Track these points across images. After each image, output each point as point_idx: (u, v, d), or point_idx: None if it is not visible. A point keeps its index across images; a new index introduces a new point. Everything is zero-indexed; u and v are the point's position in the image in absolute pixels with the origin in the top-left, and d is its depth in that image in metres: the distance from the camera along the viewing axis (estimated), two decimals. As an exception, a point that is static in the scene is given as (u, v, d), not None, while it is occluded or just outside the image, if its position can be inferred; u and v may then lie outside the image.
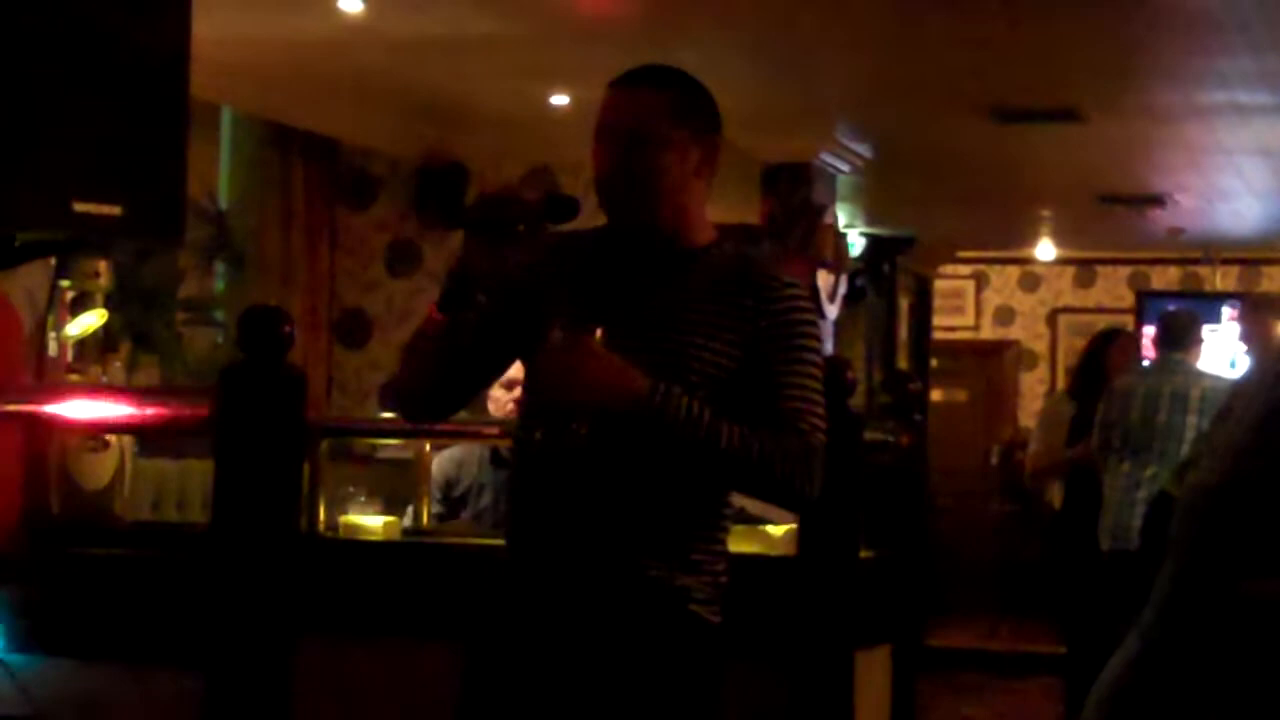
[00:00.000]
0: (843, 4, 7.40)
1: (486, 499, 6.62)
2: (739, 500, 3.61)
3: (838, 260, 10.78)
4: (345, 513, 7.24)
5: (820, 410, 3.31)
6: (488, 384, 3.54)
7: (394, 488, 8.06)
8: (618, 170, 3.35)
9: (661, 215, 3.37)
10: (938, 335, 16.26)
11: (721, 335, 3.29)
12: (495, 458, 6.57)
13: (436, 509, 6.82)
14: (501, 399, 6.25)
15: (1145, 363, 9.41)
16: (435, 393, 3.52)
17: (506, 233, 3.40)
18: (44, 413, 5.46)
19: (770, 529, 5.36)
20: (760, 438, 3.22)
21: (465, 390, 3.55)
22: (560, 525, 3.31)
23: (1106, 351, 9.07)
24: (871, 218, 13.81)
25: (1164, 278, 16.50)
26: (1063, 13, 7.42)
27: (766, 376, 3.28)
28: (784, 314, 3.31)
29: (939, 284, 16.42)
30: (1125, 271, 16.69)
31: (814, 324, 3.37)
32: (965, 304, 17.09)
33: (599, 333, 3.21)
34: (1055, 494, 9.15)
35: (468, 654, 3.44)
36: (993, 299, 17.13)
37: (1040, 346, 16.98)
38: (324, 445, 5.86)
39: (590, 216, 3.44)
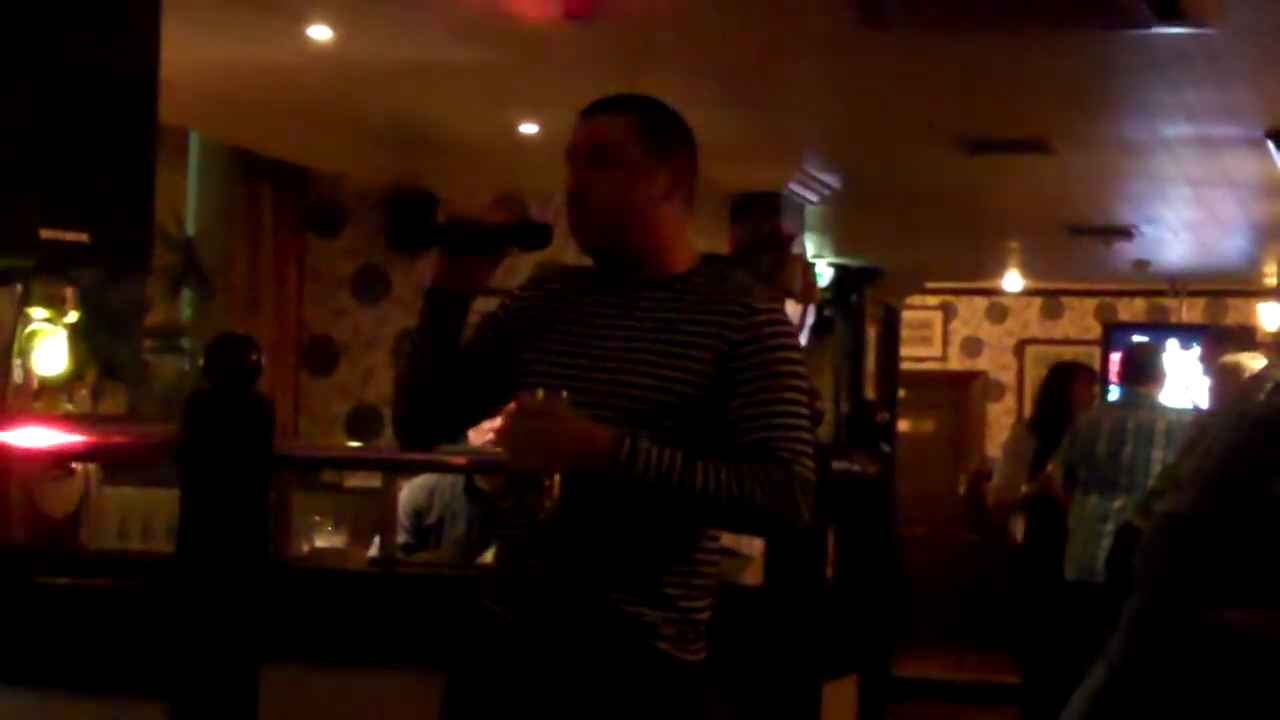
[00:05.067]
0: (811, 34, 7.41)
1: (460, 529, 6.59)
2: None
3: (806, 290, 10.79)
4: (312, 541, 7.23)
5: (804, 436, 3.27)
6: (483, 416, 3.53)
7: (361, 517, 8.05)
8: (579, 191, 3.35)
9: (627, 239, 3.37)
10: (905, 366, 16.28)
11: (694, 362, 3.26)
12: (469, 487, 6.54)
13: (405, 538, 6.80)
14: (483, 427, 6.22)
15: (1111, 397, 9.42)
16: (424, 416, 3.51)
17: (474, 254, 3.40)
18: (8, 441, 5.43)
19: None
20: (738, 473, 3.19)
21: (456, 416, 3.54)
22: (535, 561, 3.31)
23: (1068, 386, 9.11)
24: (840, 248, 13.82)
25: (1131, 309, 16.54)
26: (1030, 45, 7.44)
27: (747, 404, 3.24)
28: (762, 340, 3.28)
29: (907, 314, 16.45)
30: (1092, 303, 16.74)
31: (794, 349, 3.34)
32: (933, 335, 17.12)
33: (565, 395, 3.20)
34: (1017, 527, 9.18)
35: (447, 685, 3.44)
36: (960, 330, 17.16)
37: (1007, 377, 17.02)
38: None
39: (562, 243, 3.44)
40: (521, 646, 3.32)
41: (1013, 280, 15.93)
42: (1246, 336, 14.43)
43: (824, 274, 13.77)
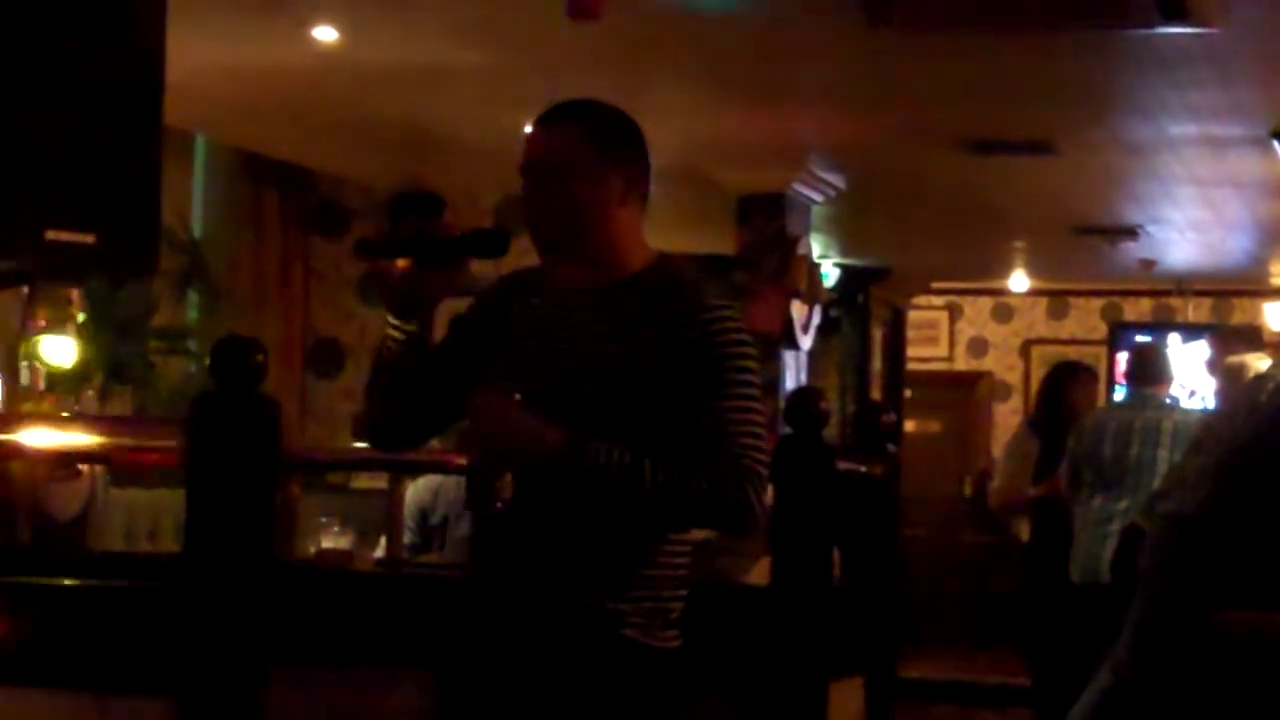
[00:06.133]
0: (816, 36, 7.42)
1: (464, 528, 6.60)
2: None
3: (812, 291, 10.79)
4: (318, 542, 7.23)
5: (756, 430, 3.31)
6: (452, 419, 3.58)
7: (367, 518, 8.05)
8: (534, 203, 3.42)
9: (584, 244, 3.41)
10: (911, 366, 16.27)
11: (645, 364, 3.31)
12: (472, 486, 6.54)
13: (411, 538, 6.82)
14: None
15: (1117, 397, 9.39)
16: (395, 420, 3.58)
17: (432, 265, 3.47)
18: (15, 442, 5.44)
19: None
20: (686, 471, 3.24)
21: (426, 420, 3.60)
22: (504, 558, 3.37)
23: (1066, 386, 9.08)
24: (845, 248, 13.83)
25: (1136, 309, 16.54)
26: (1035, 46, 7.44)
27: (698, 401, 3.28)
28: (712, 336, 3.31)
29: (913, 315, 16.45)
30: (1098, 303, 16.73)
31: (745, 344, 3.36)
32: (939, 335, 17.11)
33: (516, 396, 3.28)
34: (1022, 528, 9.17)
35: (436, 685, 3.50)
36: (966, 330, 17.16)
37: (1013, 378, 17.01)
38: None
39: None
40: (495, 640, 3.38)
41: (1019, 280, 15.93)
42: (1253, 336, 14.44)
43: (830, 274, 13.77)
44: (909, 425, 16.02)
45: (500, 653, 3.37)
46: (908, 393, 16.05)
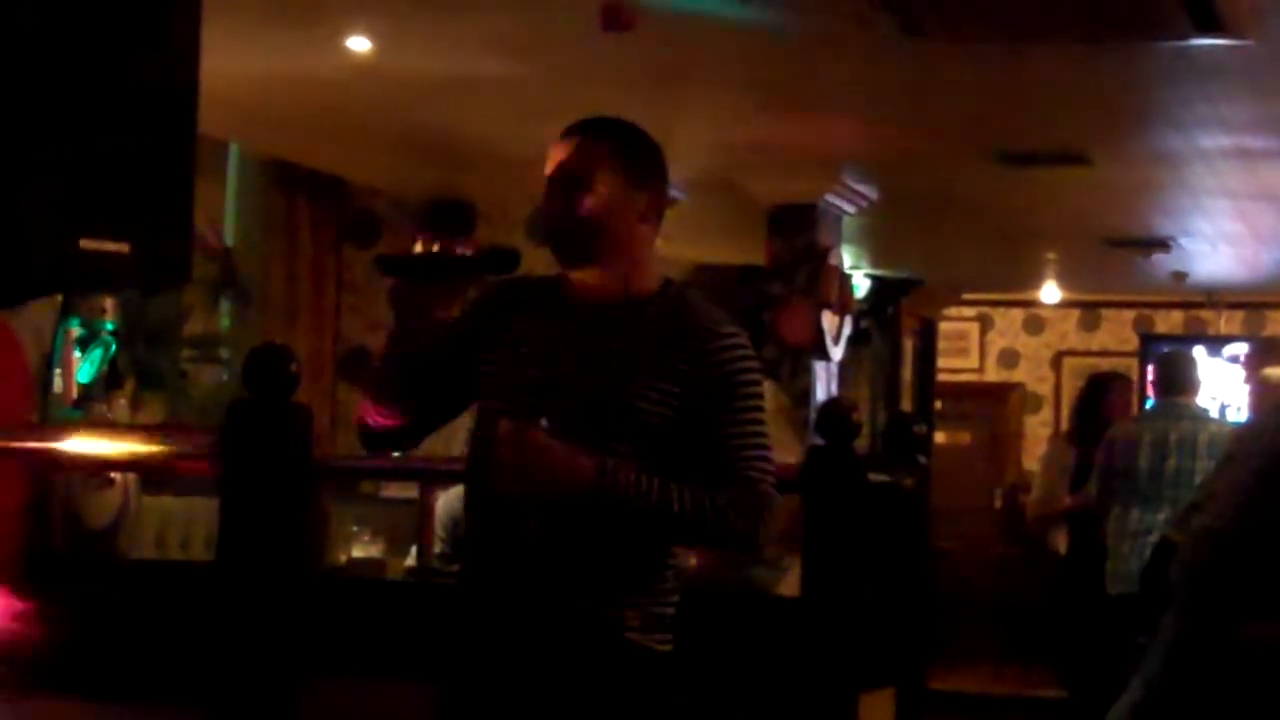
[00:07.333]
0: (848, 47, 7.42)
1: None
2: None
3: (843, 302, 10.79)
4: (349, 551, 7.24)
5: (767, 456, 3.38)
6: (444, 421, 3.61)
7: (398, 527, 8.06)
8: (559, 216, 3.43)
9: (605, 261, 3.44)
10: (942, 377, 16.27)
11: (660, 385, 3.35)
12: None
13: (442, 548, 6.82)
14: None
15: (1146, 406, 9.35)
16: (390, 424, 3.60)
17: (444, 282, 3.51)
18: (48, 449, 5.46)
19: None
20: (710, 495, 3.31)
21: (420, 423, 3.62)
22: (504, 572, 3.41)
23: (1104, 398, 9.06)
24: (876, 259, 13.83)
25: (1168, 321, 16.51)
26: (1068, 57, 7.44)
27: (711, 427, 3.35)
28: (724, 364, 3.37)
29: (944, 326, 16.44)
30: (1130, 315, 16.71)
31: (755, 371, 3.43)
32: (970, 346, 17.09)
33: (543, 422, 3.30)
34: (1059, 540, 9.14)
35: (438, 694, 3.56)
36: (997, 341, 17.14)
37: (1044, 389, 16.98)
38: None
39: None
40: (500, 645, 3.42)
41: (1050, 292, 15.90)
42: (1286, 350, 14.38)
43: (861, 285, 13.77)
44: (939, 437, 16.00)
45: (505, 657, 3.41)
46: (938, 404, 16.04)
